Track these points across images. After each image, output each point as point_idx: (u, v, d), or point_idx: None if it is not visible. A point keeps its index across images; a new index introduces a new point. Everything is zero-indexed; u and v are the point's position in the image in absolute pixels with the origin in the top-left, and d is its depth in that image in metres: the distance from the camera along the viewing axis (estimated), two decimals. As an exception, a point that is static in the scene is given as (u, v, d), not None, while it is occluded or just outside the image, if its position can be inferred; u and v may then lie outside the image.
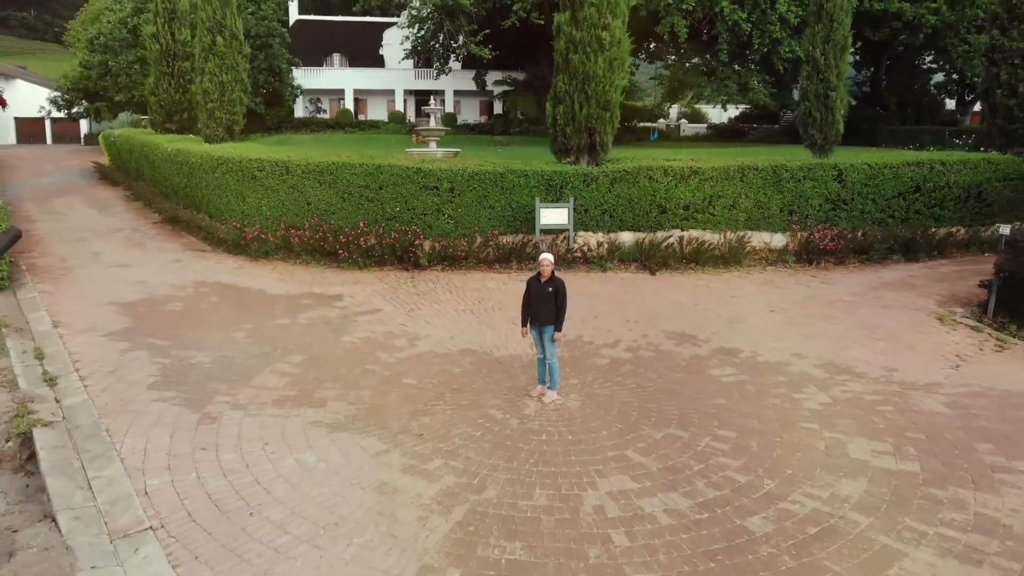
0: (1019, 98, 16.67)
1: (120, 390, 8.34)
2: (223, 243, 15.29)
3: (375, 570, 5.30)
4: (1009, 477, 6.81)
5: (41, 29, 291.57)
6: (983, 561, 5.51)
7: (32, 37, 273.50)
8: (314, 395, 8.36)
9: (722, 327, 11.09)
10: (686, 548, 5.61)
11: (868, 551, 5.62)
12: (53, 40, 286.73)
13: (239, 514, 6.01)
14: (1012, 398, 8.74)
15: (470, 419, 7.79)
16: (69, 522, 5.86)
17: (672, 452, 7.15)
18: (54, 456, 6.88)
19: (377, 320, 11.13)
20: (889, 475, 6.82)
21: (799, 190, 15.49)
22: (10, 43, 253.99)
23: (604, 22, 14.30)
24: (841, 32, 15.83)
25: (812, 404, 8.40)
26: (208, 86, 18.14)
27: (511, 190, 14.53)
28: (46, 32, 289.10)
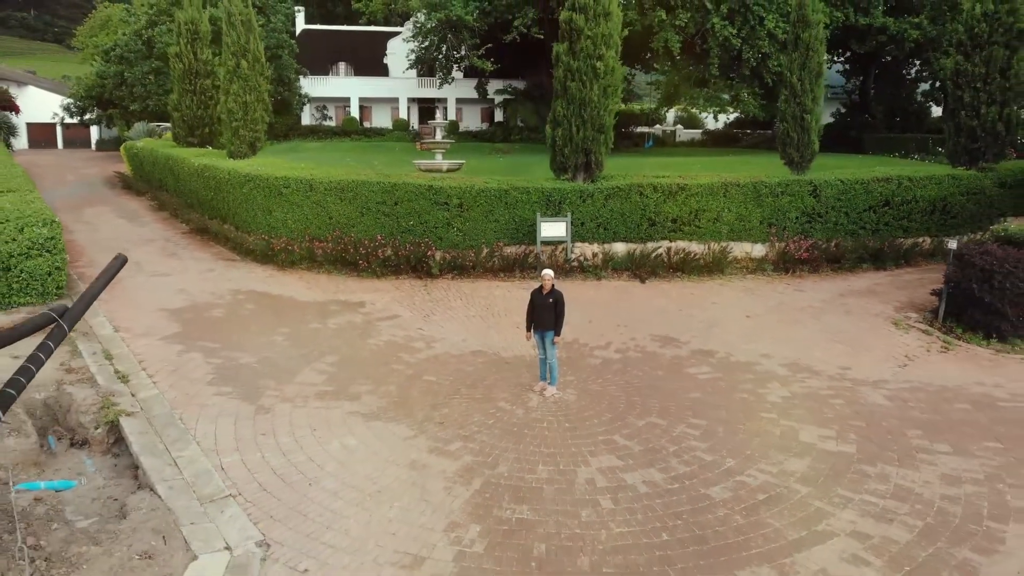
0: (981, 119, 18.10)
1: (184, 386, 9.79)
2: (251, 253, 16.74)
3: (413, 525, 6.76)
4: (928, 456, 8.27)
5: (41, 29, 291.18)
6: (893, 520, 6.98)
7: (32, 37, 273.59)
8: (349, 390, 9.81)
9: (701, 331, 12.55)
10: (659, 510, 7.07)
11: (804, 512, 7.08)
12: (53, 40, 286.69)
13: (300, 484, 7.46)
14: (945, 392, 10.22)
15: (483, 410, 9.25)
16: (166, 491, 7.32)
17: (652, 437, 8.61)
18: (142, 440, 8.33)
19: (397, 325, 12.59)
20: (830, 455, 8.28)
21: (777, 204, 16.94)
22: (10, 43, 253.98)
23: (599, 53, 15.74)
24: (816, 59, 17.28)
25: (773, 397, 9.86)
26: (233, 106, 19.58)
27: (514, 205, 15.98)
28: (46, 32, 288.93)
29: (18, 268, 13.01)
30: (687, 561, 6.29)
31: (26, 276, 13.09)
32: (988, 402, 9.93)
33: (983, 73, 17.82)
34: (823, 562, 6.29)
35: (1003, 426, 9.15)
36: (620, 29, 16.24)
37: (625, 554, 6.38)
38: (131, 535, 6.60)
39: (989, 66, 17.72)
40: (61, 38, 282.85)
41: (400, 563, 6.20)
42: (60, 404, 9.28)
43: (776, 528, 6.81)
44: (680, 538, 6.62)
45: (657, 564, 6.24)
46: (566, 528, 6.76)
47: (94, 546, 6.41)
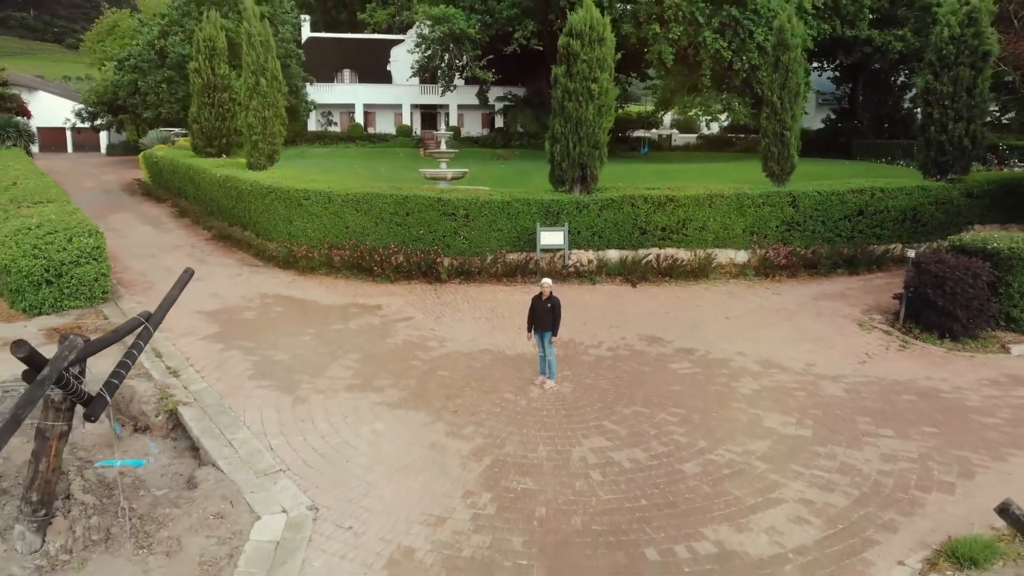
0: (948, 134, 19.50)
1: (229, 380, 11.19)
2: (273, 259, 18.12)
3: (435, 493, 8.16)
4: (872, 439, 9.68)
5: (41, 29, 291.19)
6: (835, 490, 8.38)
7: (32, 37, 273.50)
8: (373, 383, 11.21)
9: (685, 331, 13.95)
10: (640, 481, 8.48)
11: (761, 484, 8.49)
12: (53, 40, 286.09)
13: (338, 461, 8.86)
14: (896, 385, 11.63)
15: (491, 400, 10.65)
16: (227, 466, 8.71)
17: (636, 422, 10.02)
18: (200, 425, 9.73)
19: (411, 326, 13.99)
20: (788, 438, 9.69)
21: (759, 214, 18.34)
22: (10, 43, 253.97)
23: (594, 75, 17.13)
24: (795, 80, 18.67)
25: (745, 390, 11.27)
26: (252, 121, 20.96)
27: (516, 216, 17.37)
28: (46, 32, 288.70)
29: (69, 275, 14.40)
30: (661, 521, 7.69)
31: (76, 282, 14.49)
32: (932, 394, 11.35)
33: (951, 92, 19.22)
34: (773, 521, 7.70)
35: (942, 414, 10.56)
36: (613, 53, 17.65)
37: (611, 515, 7.78)
38: (204, 501, 8.01)
39: (956, 85, 19.12)
40: (61, 38, 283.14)
41: (426, 522, 7.60)
42: (123, 395, 10.65)
43: (736, 496, 8.21)
44: (656, 503, 8.03)
45: (636, 523, 7.65)
46: (562, 495, 8.17)
47: (175, 508, 7.82)
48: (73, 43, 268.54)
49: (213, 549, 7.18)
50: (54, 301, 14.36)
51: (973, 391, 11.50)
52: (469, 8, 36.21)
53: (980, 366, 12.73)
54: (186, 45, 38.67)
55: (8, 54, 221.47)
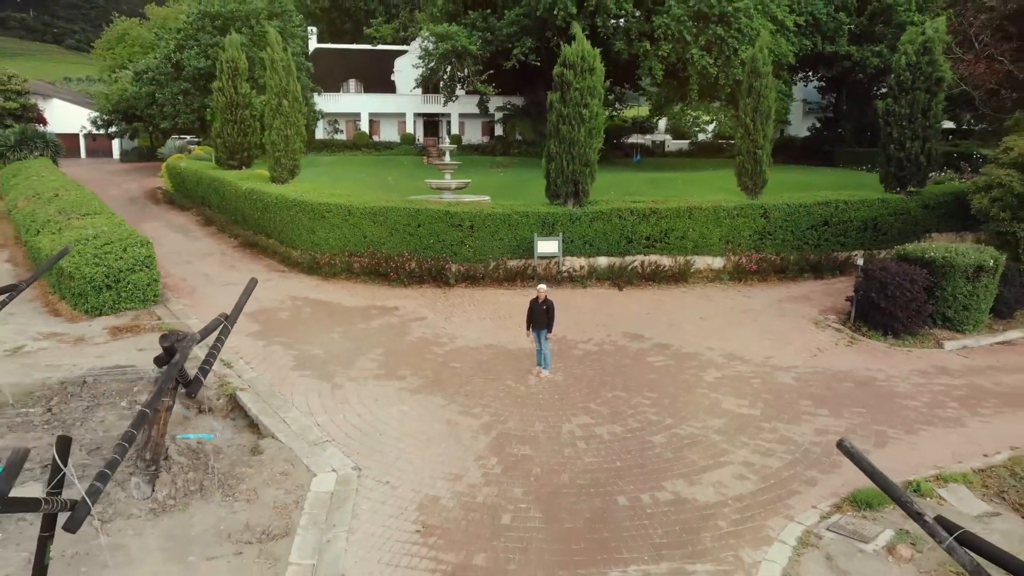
0: (906, 152, 21.58)
1: (275, 370, 13.27)
2: (298, 265, 20.19)
3: (453, 457, 10.25)
4: (810, 417, 11.78)
5: (40, 30, 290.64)
6: (772, 455, 10.48)
7: (31, 38, 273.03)
8: (396, 373, 13.30)
9: (663, 329, 16.05)
10: (616, 449, 10.57)
11: (713, 451, 10.58)
12: (52, 41, 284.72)
13: (373, 435, 10.94)
14: (839, 375, 13.74)
15: (496, 386, 12.75)
16: (284, 438, 10.80)
17: (616, 404, 12.11)
18: (257, 407, 11.81)
19: (425, 325, 16.08)
20: (741, 416, 11.78)
21: (733, 224, 20.43)
22: (10, 44, 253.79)
23: (585, 102, 19.21)
24: (766, 104, 20.75)
25: (709, 379, 13.37)
26: (276, 138, 23.03)
27: (516, 227, 19.45)
28: (45, 33, 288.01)
29: (125, 281, 16.49)
30: (631, 477, 9.79)
31: (131, 287, 16.57)
32: (868, 382, 13.46)
33: (908, 114, 21.29)
34: (719, 478, 9.80)
35: (872, 398, 12.67)
36: (603, 80, 19.74)
37: (592, 474, 9.88)
38: (270, 463, 10.10)
39: (913, 108, 21.18)
40: (60, 39, 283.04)
41: (447, 477, 9.70)
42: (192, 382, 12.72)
43: (693, 460, 10.31)
44: (628, 465, 10.12)
45: (611, 479, 9.74)
46: (554, 459, 10.26)
47: (248, 468, 9.91)
48: (73, 44, 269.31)
49: (282, 497, 9.27)
50: (112, 304, 16.44)
51: (903, 380, 13.62)
52: (471, 25, 38.33)
53: (915, 359, 14.85)
54: (201, 58, 40.79)
55: (8, 55, 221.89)
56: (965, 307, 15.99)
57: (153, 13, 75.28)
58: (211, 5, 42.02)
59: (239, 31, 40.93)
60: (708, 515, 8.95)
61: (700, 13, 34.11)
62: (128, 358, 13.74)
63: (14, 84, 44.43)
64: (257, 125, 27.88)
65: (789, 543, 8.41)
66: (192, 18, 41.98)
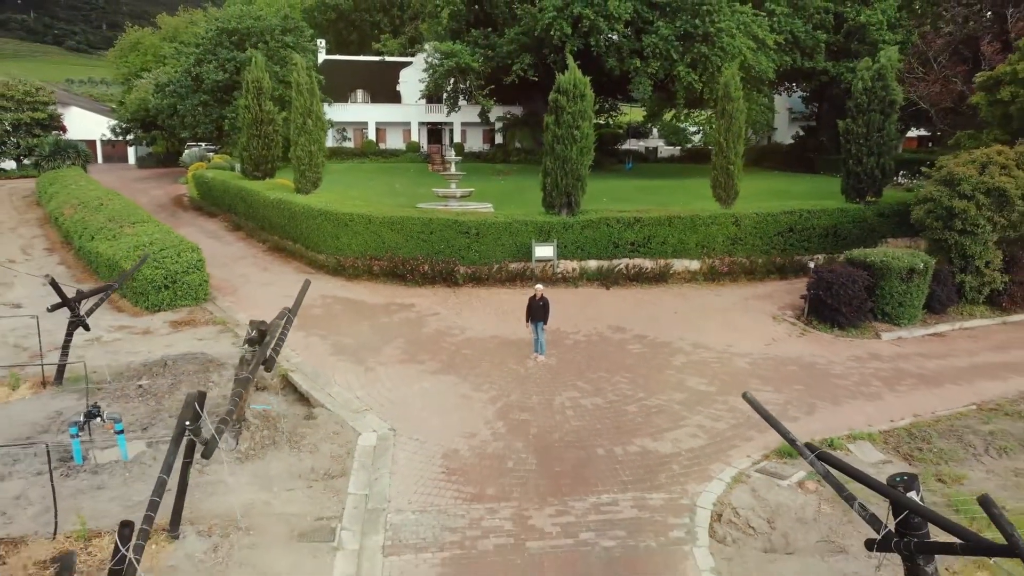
0: (863, 166, 24.30)
1: (316, 356, 15.96)
2: (324, 267, 22.86)
3: (467, 422, 12.94)
4: (757, 393, 14.31)
5: (41, 32, 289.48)
6: (720, 420, 13.18)
7: (32, 40, 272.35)
8: (417, 358, 15.98)
9: (642, 323, 18.74)
10: (597, 415, 13.27)
11: (675, 417, 13.28)
12: (53, 42, 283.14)
13: (402, 405, 13.63)
14: (787, 360, 16.43)
15: (500, 369, 15.43)
16: (331, 407, 13.49)
17: (599, 382, 14.80)
18: (306, 384, 14.50)
19: (439, 319, 18.76)
20: (700, 392, 14.47)
21: (708, 231, 23.12)
22: (11, 46, 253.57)
23: (577, 124, 21.89)
24: (737, 125, 23.43)
25: (677, 363, 16.06)
26: (301, 154, 25.71)
27: (516, 233, 22.12)
28: (46, 35, 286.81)
29: (181, 281, 19.17)
30: (608, 436, 12.47)
31: (186, 287, 19.25)
32: (810, 365, 16.16)
33: (864, 132, 24.02)
34: (677, 436, 12.49)
35: (811, 378, 15.37)
36: (592, 105, 22.43)
37: (577, 433, 12.57)
38: (323, 426, 12.79)
39: (869, 127, 23.92)
40: (61, 40, 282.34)
41: (463, 436, 12.39)
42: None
43: (658, 423, 13.01)
44: (607, 427, 12.82)
45: (592, 437, 12.43)
46: (547, 423, 12.95)
47: (307, 429, 12.60)
48: (73, 46, 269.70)
49: (336, 449, 11.96)
50: (170, 301, 19.12)
51: (840, 364, 16.33)
52: (473, 43, 41.03)
53: (854, 347, 17.56)
54: (219, 72, 43.44)
55: (8, 56, 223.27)
56: (900, 303, 18.70)
57: (164, 22, 78.02)
58: (228, 22, 44.69)
59: (255, 46, 43.68)
60: (665, 462, 11.66)
61: (686, 33, 36.83)
62: (192, 346, 16.44)
63: (41, 95, 47.00)
64: (279, 139, 30.54)
65: (725, 480, 11.13)
66: (211, 34, 44.61)
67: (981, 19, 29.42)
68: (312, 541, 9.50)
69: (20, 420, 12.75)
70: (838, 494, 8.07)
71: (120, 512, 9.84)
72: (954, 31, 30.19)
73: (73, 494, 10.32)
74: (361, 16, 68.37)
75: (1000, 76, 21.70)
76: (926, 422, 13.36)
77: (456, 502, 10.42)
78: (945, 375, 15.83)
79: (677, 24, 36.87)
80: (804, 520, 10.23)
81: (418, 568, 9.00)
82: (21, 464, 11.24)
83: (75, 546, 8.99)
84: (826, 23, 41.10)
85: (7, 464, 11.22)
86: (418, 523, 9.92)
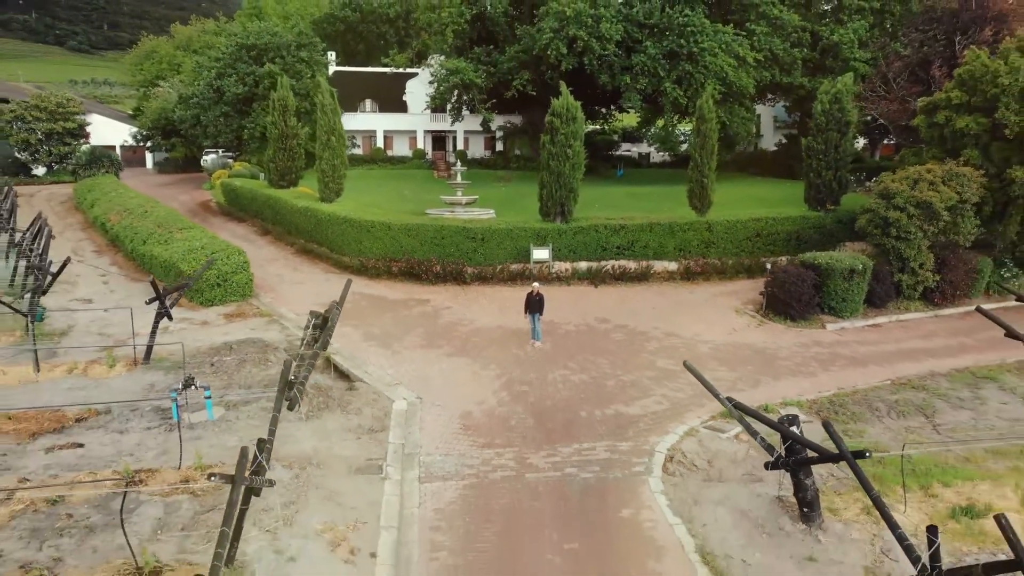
0: (822, 179, 27.54)
1: (351, 342, 19.22)
2: (348, 268, 26.11)
3: (477, 392, 16.23)
4: (713, 371, 17.70)
5: (42, 32, 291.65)
6: (681, 392, 16.46)
7: (34, 40, 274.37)
8: (434, 344, 19.24)
9: (624, 315, 22.00)
10: (582, 388, 16.56)
11: (645, 389, 16.57)
12: (54, 43, 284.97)
13: (425, 380, 16.92)
14: (743, 346, 19.70)
15: (504, 352, 18.71)
16: (369, 381, 16.76)
17: (585, 363, 18.08)
18: (346, 364, 17.76)
19: (451, 313, 22.02)
20: (666, 370, 17.74)
21: (685, 236, 26.38)
22: (13, 46, 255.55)
23: (569, 143, 25.14)
24: (711, 142, 26.65)
25: (651, 348, 19.33)
26: (325, 167, 28.97)
27: (516, 238, 25.37)
28: (47, 35, 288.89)
29: (230, 280, 22.43)
30: (590, 403, 15.74)
31: (234, 285, 22.51)
32: (762, 350, 19.44)
33: (823, 149, 27.28)
34: (645, 403, 15.78)
35: (761, 360, 18.65)
36: (583, 126, 25.69)
37: (566, 401, 15.85)
38: (363, 395, 16.07)
39: (827, 145, 27.16)
40: (63, 40, 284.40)
41: (475, 402, 15.67)
42: (295, 350, 18.66)
43: (631, 394, 16.29)
44: (590, 396, 16.10)
45: (577, 403, 15.70)
46: (542, 393, 16.23)
47: (351, 398, 15.88)
48: (75, 46, 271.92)
49: (376, 412, 15.24)
50: (221, 297, 22.38)
51: (786, 348, 19.62)
52: (476, 59, 44.30)
53: (802, 336, 20.84)
54: (239, 85, 46.62)
55: (10, 57, 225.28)
56: (843, 299, 21.98)
57: (178, 32, 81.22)
58: (247, 38, 47.89)
59: (272, 61, 46.93)
60: (634, 421, 14.94)
61: (672, 52, 40.10)
62: (247, 334, 19.69)
63: (71, 107, 50.23)
64: (302, 151, 33.80)
65: (678, 434, 14.42)
66: (230, 49, 47.81)
67: (935, 44, 32.69)
68: (365, 474, 12.78)
69: (121, 390, 16.02)
70: (746, 430, 11.43)
71: (219, 454, 13.10)
72: (911, 55, 33.45)
73: (182, 441, 13.58)
74: (368, 28, 71.70)
75: (937, 101, 24.93)
76: (846, 393, 16.67)
77: (471, 448, 13.71)
78: (872, 358, 19.12)
79: (664, 44, 40.15)
80: (735, 461, 13.53)
81: (446, 491, 12.28)
82: (133, 422, 14.53)
83: (195, 475, 12.26)
84: (803, 40, 44.33)
85: (123, 422, 14.50)
86: (444, 462, 13.20)
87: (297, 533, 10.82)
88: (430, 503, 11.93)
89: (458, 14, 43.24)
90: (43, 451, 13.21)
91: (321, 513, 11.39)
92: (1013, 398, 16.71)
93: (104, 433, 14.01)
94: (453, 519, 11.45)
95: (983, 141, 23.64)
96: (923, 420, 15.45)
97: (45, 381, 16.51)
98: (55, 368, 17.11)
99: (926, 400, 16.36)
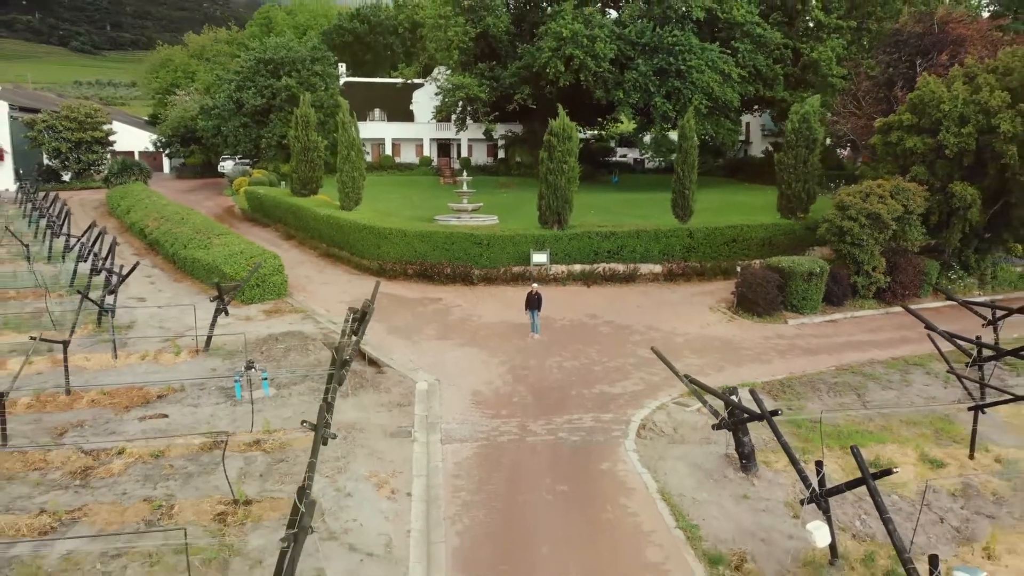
0: (792, 190, 30.72)
1: (377, 335, 22.41)
2: (368, 270, 29.28)
3: (486, 376, 19.43)
4: (687, 360, 20.89)
5: (45, 32, 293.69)
6: (657, 376, 19.65)
7: (37, 40, 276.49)
8: (447, 336, 22.43)
9: (612, 312, 25.18)
10: (574, 372, 19.76)
11: (626, 373, 19.76)
12: (57, 43, 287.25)
13: (441, 366, 20.11)
14: (714, 338, 22.87)
15: (507, 343, 21.89)
16: (395, 367, 19.96)
17: (577, 352, 21.26)
18: (374, 352, 20.95)
19: (461, 310, 25.21)
20: (645, 358, 20.88)
21: (668, 242, 29.56)
22: (16, 46, 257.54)
23: (565, 159, 28.33)
24: (691, 158, 29.81)
25: (634, 340, 22.52)
26: (345, 179, 32.15)
27: (518, 243, 28.55)
28: (50, 35, 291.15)
29: (268, 281, 25.62)
30: (580, 384, 18.94)
31: (271, 286, 25.70)
32: (729, 341, 22.61)
33: (793, 164, 30.47)
34: (625, 384, 18.98)
35: (727, 350, 21.83)
36: (578, 144, 28.87)
37: (559, 382, 19.03)
38: (391, 378, 19.27)
39: (797, 160, 30.35)
40: (65, 41, 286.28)
41: (484, 383, 18.87)
42: (330, 341, 21.85)
43: (614, 377, 19.48)
44: (580, 379, 19.28)
45: (569, 384, 18.90)
46: (540, 376, 19.41)
47: (381, 379, 19.07)
48: (78, 46, 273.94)
49: (403, 391, 18.43)
50: (260, 296, 25.57)
51: (751, 340, 22.80)
52: (480, 74, 47.53)
53: (766, 330, 24.01)
54: (258, 97, 49.85)
55: (15, 57, 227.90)
56: (804, 298, 25.17)
57: (192, 40, 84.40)
58: (264, 52, 51.11)
59: (288, 74, 50.17)
60: (616, 398, 18.13)
61: (661, 69, 43.29)
62: (287, 328, 22.88)
63: (99, 116, 53.44)
64: (322, 162, 37.01)
65: (651, 408, 17.61)
66: (249, 63, 51.02)
67: (899, 66, 35.85)
68: (398, 437, 15.97)
69: (188, 373, 19.21)
70: (697, 398, 14.61)
71: (279, 423, 16.28)
72: (879, 75, 36.61)
73: (246, 414, 16.78)
74: (376, 39, 74.96)
75: (891, 123, 28.10)
76: (795, 377, 19.85)
77: (482, 418, 16.91)
78: (823, 348, 22.31)
79: (654, 61, 43.34)
80: (695, 428, 16.72)
81: (463, 450, 15.47)
82: (203, 399, 17.73)
83: (264, 436, 15.45)
84: (785, 57, 47.51)
85: (195, 399, 17.70)
86: (460, 428, 16.40)
87: (350, 478, 14.03)
88: (451, 459, 15.11)
89: (463, 32, 46.43)
90: (137, 419, 16.42)
91: (366, 464, 14.59)
92: (935, 381, 19.91)
93: (182, 407, 17.22)
94: (470, 469, 14.64)
95: (929, 159, 26.82)
96: (855, 398, 18.64)
97: (123, 366, 19.72)
98: (130, 356, 20.32)
99: (861, 382, 19.55)
